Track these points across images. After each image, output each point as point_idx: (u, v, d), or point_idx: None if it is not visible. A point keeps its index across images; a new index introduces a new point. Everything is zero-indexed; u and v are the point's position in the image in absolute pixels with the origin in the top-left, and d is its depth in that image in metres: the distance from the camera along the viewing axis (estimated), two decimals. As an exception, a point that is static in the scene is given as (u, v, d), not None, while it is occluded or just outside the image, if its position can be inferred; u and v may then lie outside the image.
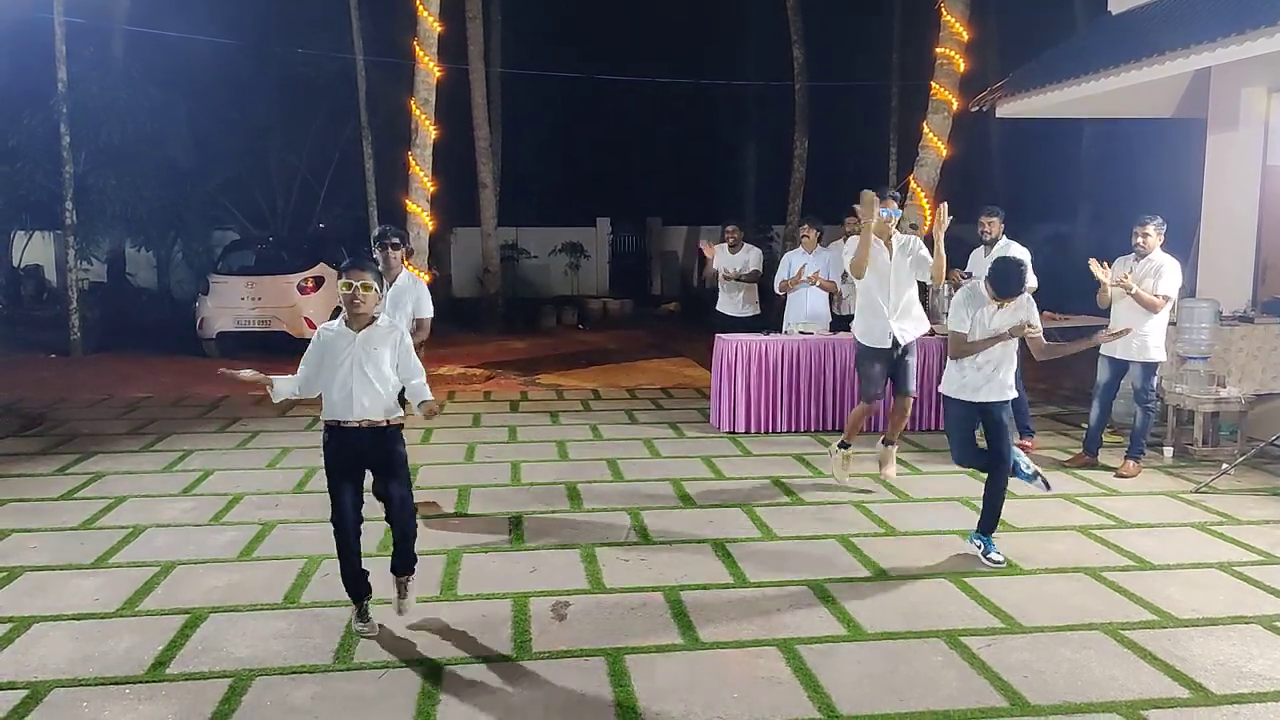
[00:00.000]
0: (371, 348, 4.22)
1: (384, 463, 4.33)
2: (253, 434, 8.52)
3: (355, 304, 4.19)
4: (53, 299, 18.38)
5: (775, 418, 8.49)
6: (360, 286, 4.17)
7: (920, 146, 11.28)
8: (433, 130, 11.51)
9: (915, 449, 7.93)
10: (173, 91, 15.62)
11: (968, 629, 4.39)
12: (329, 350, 4.24)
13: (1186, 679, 3.92)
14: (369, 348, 4.21)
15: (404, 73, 12.96)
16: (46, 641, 4.27)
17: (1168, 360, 7.29)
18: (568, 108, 25.92)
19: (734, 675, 3.95)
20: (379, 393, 4.23)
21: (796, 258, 9.16)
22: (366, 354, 4.21)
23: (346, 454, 4.28)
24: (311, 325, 12.89)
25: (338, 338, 4.24)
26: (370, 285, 4.19)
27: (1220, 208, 8.90)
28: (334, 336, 4.25)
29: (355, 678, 3.94)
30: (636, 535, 5.73)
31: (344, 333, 4.24)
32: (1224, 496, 6.51)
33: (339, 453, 4.28)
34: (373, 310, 4.28)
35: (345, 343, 4.22)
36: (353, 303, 4.19)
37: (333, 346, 4.24)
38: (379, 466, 4.35)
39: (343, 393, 4.21)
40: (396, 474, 4.35)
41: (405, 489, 4.39)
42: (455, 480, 6.93)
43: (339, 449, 4.28)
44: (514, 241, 22.78)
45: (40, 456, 7.71)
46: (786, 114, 20.03)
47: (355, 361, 4.19)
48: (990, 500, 5.32)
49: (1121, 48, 9.06)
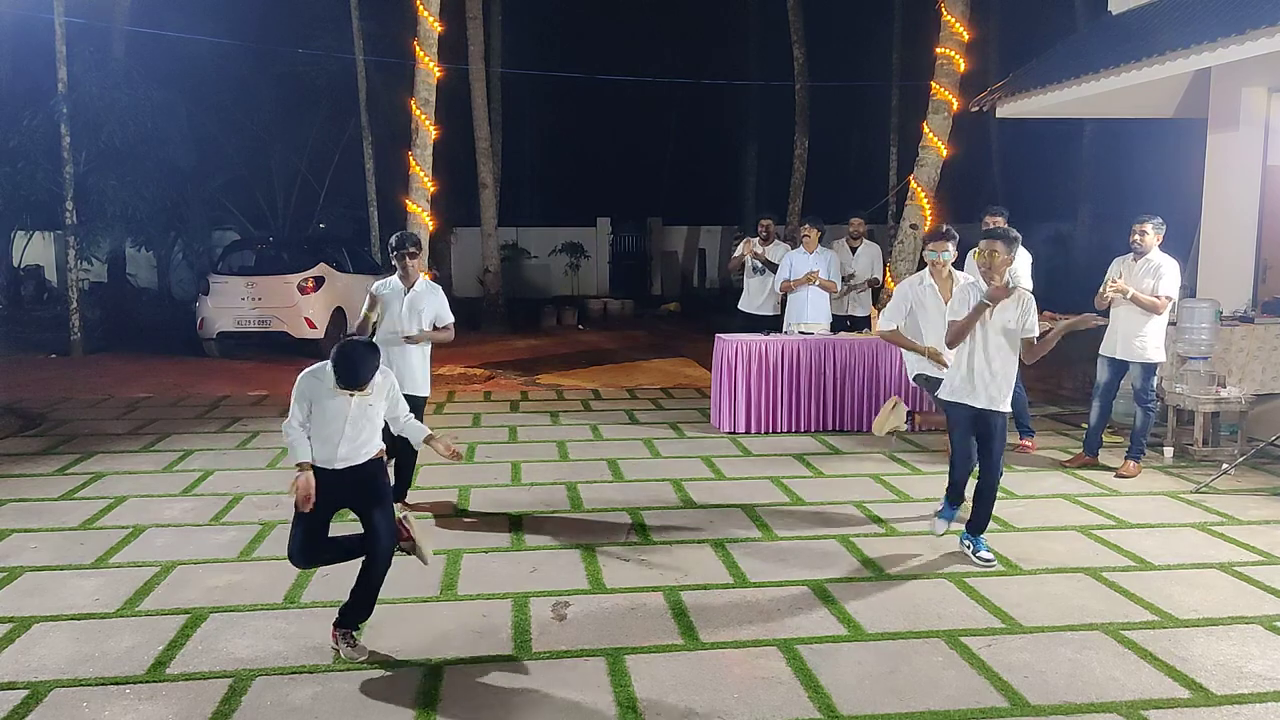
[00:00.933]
0: (367, 404, 4.17)
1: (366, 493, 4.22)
2: (253, 434, 8.52)
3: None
4: (53, 299, 18.39)
5: (775, 418, 8.49)
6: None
7: (920, 146, 11.29)
8: (433, 130, 11.51)
9: (915, 449, 7.93)
10: (173, 91, 15.61)
11: (968, 629, 4.39)
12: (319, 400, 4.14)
13: (1187, 679, 3.92)
14: (364, 405, 4.16)
15: (404, 73, 12.98)
16: (47, 641, 4.27)
17: (1168, 360, 7.29)
18: (568, 107, 25.95)
19: (734, 675, 3.95)
20: (370, 439, 4.23)
21: (798, 258, 9.16)
22: (361, 410, 4.16)
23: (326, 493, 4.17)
24: (312, 325, 12.92)
25: (334, 393, 4.12)
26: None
27: (1220, 208, 8.90)
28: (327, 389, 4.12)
29: (355, 678, 3.94)
30: (636, 535, 5.73)
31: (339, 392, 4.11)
32: (1224, 496, 6.51)
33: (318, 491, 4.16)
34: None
35: (340, 401, 4.12)
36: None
37: (323, 399, 4.13)
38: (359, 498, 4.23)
39: (329, 445, 4.15)
40: (380, 502, 4.23)
41: (390, 519, 4.26)
42: (455, 480, 6.94)
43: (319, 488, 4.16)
44: (514, 241, 22.79)
45: (40, 456, 7.71)
46: (787, 114, 20.04)
47: (350, 419, 4.14)
48: (980, 502, 5.31)
49: (1122, 48, 9.06)
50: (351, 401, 4.12)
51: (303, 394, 4.16)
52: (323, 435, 4.14)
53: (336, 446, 4.14)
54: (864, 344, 8.55)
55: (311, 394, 4.14)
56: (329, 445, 4.14)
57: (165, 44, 15.77)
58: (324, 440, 4.15)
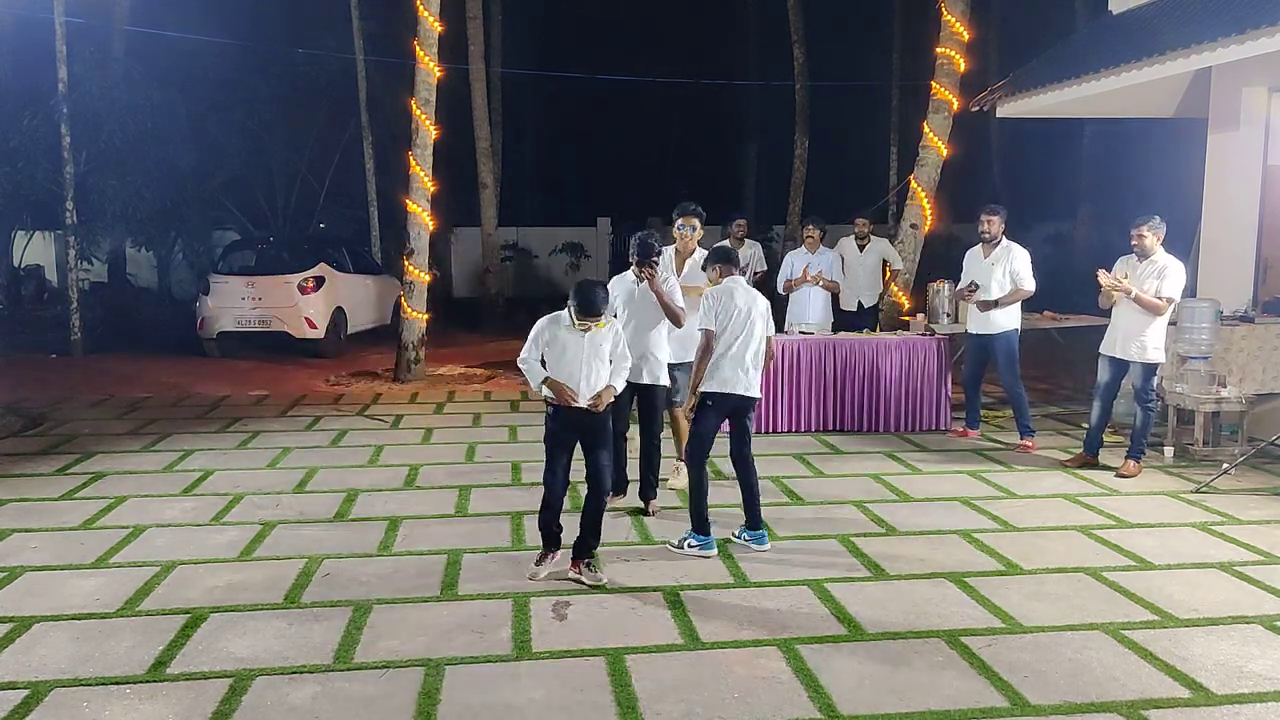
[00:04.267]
0: (598, 343, 4.90)
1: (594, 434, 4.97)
2: (253, 434, 8.53)
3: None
4: (53, 299, 18.37)
5: (775, 417, 8.48)
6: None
7: (921, 146, 11.28)
8: (433, 130, 11.51)
9: (915, 449, 7.93)
10: (173, 91, 15.60)
11: (968, 629, 4.39)
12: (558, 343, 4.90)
13: (1187, 679, 3.91)
14: (595, 343, 4.89)
15: (404, 73, 12.96)
16: (47, 641, 4.27)
17: (1168, 360, 7.28)
18: (568, 107, 25.96)
19: (734, 675, 3.95)
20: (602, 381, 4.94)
21: (799, 258, 9.16)
22: (594, 349, 4.89)
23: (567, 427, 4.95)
24: (312, 325, 12.92)
25: (571, 331, 4.86)
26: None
27: (1220, 208, 8.90)
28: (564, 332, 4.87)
29: (355, 678, 3.94)
30: (636, 535, 5.73)
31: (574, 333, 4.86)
32: (1224, 496, 6.51)
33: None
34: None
35: (576, 339, 4.85)
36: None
37: (561, 338, 4.88)
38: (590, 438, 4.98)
39: (570, 382, 4.86)
40: (605, 445, 5.01)
41: (610, 461, 5.08)
42: (455, 480, 6.94)
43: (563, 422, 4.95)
44: (514, 241, 22.78)
45: (41, 457, 7.71)
46: (787, 114, 20.05)
47: (585, 359, 4.87)
48: (694, 498, 5.40)
49: (1122, 48, 9.06)
50: (585, 340, 4.83)
51: (539, 334, 4.91)
52: (564, 374, 4.85)
53: (578, 384, 4.84)
54: (864, 344, 8.55)
55: (549, 335, 4.89)
56: (570, 383, 4.84)
57: (165, 44, 15.77)
58: (566, 378, 4.84)
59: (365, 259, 15.88)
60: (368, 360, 12.94)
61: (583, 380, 4.86)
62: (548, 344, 4.89)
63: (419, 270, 11.56)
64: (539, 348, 4.91)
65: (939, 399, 8.59)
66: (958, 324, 8.74)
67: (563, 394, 4.82)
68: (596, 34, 25.59)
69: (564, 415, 4.92)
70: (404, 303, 11.60)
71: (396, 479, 6.99)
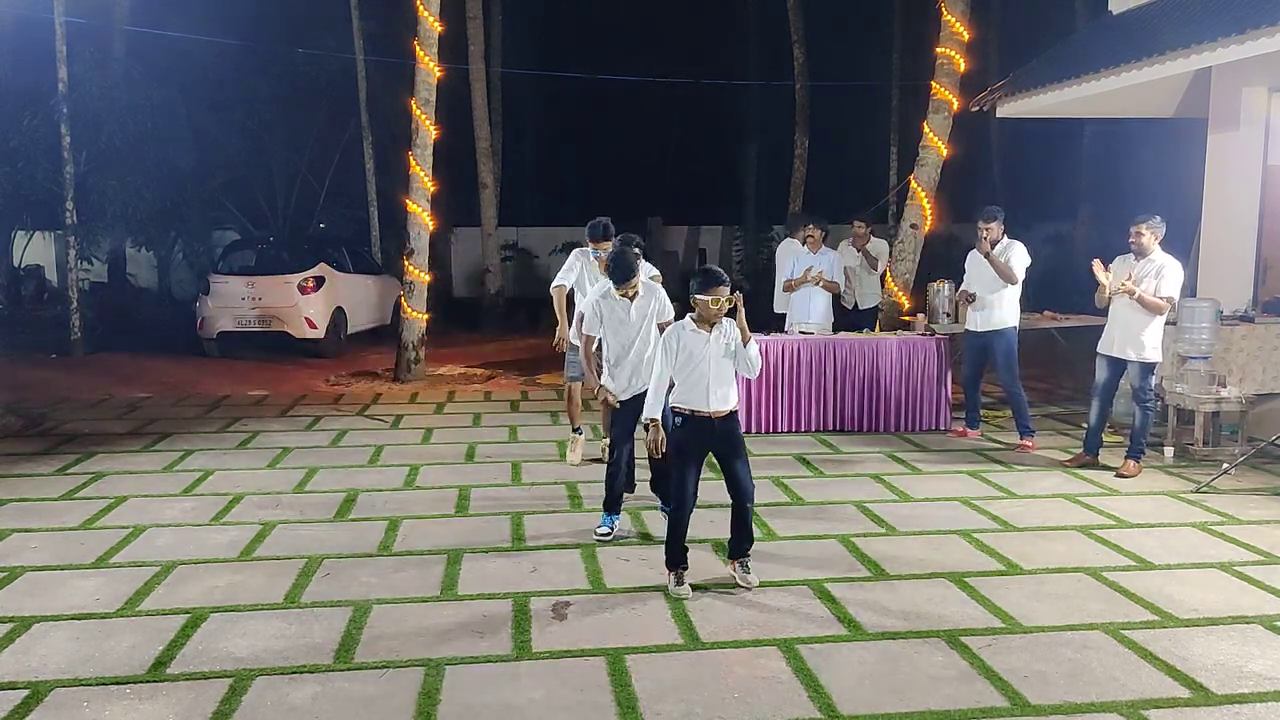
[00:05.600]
0: (724, 343, 4.84)
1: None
2: (253, 434, 8.52)
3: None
4: (53, 299, 18.38)
5: (776, 417, 8.48)
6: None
7: (920, 146, 11.27)
8: (433, 130, 11.51)
9: (915, 448, 7.93)
10: (173, 91, 15.62)
11: (968, 629, 4.39)
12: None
13: (1187, 679, 3.91)
14: (720, 342, 4.82)
15: (404, 73, 12.96)
16: (47, 641, 4.27)
17: (1168, 360, 7.28)
18: (568, 107, 25.94)
19: (734, 675, 3.95)
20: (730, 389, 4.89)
21: (801, 258, 9.15)
22: (720, 347, 4.82)
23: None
24: (312, 325, 12.92)
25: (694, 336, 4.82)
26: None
27: (1220, 208, 8.90)
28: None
29: (355, 678, 3.94)
30: (637, 535, 5.73)
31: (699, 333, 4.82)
32: (1224, 496, 6.51)
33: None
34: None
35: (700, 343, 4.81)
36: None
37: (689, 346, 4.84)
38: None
39: (700, 387, 4.81)
40: (740, 453, 4.91)
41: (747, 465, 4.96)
42: (455, 480, 6.94)
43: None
44: (514, 241, 22.77)
45: (41, 457, 7.71)
46: (787, 113, 20.04)
47: (710, 358, 4.80)
48: (609, 481, 5.73)
49: (1122, 48, 9.06)
50: (710, 340, 4.76)
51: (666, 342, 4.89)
52: (690, 381, 4.81)
53: (706, 392, 4.79)
54: (864, 344, 8.55)
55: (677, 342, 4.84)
56: (697, 389, 4.80)
57: (165, 44, 15.77)
58: (692, 385, 4.81)
59: (365, 259, 15.88)
60: (368, 360, 12.94)
61: (712, 384, 4.81)
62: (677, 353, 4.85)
63: (419, 270, 11.56)
64: (672, 357, 4.85)
65: (939, 399, 8.60)
66: (958, 324, 8.74)
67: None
68: (596, 34, 25.58)
69: (691, 424, 4.88)
70: (404, 303, 11.61)
71: (396, 479, 7.00)
